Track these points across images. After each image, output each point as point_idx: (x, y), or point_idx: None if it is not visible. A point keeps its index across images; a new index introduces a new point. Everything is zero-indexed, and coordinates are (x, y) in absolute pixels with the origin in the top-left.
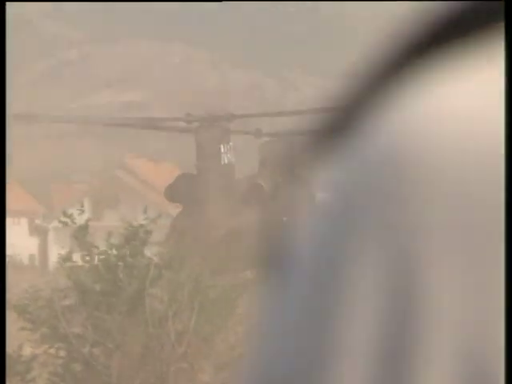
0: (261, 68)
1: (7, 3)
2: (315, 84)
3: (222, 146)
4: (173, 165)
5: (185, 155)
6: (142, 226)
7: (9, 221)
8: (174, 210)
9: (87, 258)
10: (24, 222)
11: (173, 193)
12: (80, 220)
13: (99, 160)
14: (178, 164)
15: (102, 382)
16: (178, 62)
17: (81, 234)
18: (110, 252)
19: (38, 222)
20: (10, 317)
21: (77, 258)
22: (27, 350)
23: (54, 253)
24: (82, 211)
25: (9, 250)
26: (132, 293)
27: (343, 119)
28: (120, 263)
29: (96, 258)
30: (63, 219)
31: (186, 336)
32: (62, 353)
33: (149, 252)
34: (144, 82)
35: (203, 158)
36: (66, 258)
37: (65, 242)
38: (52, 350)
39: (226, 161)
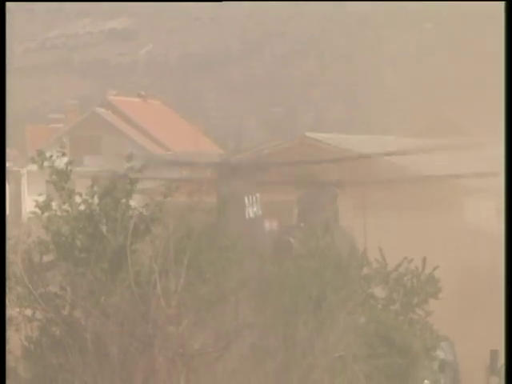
0: None
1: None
2: None
3: (246, 198)
4: (162, 103)
5: (175, 92)
6: (125, 175)
7: None
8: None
9: (66, 208)
10: None
11: None
12: (60, 163)
13: (78, 98)
14: (167, 102)
15: (81, 347)
16: None
17: (60, 180)
18: (90, 201)
19: (9, 165)
20: None
21: (55, 206)
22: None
23: (29, 201)
24: (63, 153)
25: None
26: (114, 248)
27: None
28: (101, 214)
29: (76, 207)
30: (39, 160)
31: (174, 296)
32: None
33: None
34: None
35: (224, 212)
36: (44, 207)
37: (41, 189)
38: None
39: (252, 215)
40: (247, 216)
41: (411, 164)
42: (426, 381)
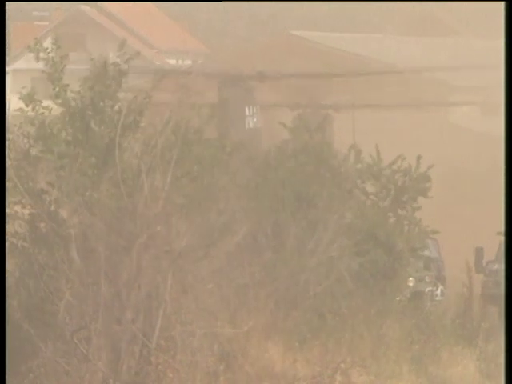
0: None
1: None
2: None
3: (247, 108)
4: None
5: None
6: (114, 64)
7: None
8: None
9: (58, 101)
10: None
11: None
12: (55, 56)
13: None
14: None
15: (66, 245)
16: None
17: (55, 71)
18: (83, 93)
19: None
20: None
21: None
22: None
23: (13, 100)
24: (58, 46)
25: None
26: (102, 142)
27: None
28: (90, 107)
29: (68, 102)
30: (35, 50)
31: (161, 194)
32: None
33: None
34: None
35: (224, 120)
36: (28, 98)
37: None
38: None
39: (251, 125)
40: (247, 126)
41: (397, 61)
42: (410, 278)
